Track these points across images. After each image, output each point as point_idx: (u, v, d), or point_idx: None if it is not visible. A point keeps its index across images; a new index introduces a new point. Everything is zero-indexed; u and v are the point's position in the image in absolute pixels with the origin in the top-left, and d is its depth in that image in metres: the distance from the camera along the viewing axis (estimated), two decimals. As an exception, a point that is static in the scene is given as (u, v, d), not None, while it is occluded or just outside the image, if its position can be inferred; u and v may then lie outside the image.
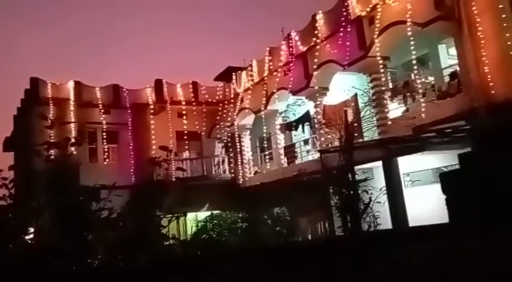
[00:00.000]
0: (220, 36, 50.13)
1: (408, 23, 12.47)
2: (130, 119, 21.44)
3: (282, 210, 16.38)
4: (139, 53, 49.50)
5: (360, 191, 10.19)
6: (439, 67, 13.32)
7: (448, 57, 13.30)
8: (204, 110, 22.37)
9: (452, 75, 12.44)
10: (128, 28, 51.95)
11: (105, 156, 21.14)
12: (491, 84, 10.74)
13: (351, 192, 9.87)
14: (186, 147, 21.70)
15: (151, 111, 21.48)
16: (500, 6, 10.47)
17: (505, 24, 10.40)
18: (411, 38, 12.64)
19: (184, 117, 21.71)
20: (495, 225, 3.18)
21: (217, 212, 18.66)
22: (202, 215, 19.24)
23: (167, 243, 5.67)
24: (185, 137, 21.44)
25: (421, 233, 4.29)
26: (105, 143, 21.05)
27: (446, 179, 3.83)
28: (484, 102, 10.63)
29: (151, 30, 50.31)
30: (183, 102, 21.93)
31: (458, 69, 11.99)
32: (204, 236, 16.53)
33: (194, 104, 22.15)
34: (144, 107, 21.60)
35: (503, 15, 10.40)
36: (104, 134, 20.93)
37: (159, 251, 4.44)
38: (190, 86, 22.58)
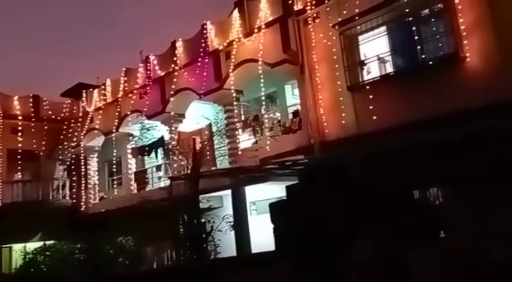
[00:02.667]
0: (72, 50, 46.05)
1: (259, 62, 13.41)
2: None
3: (128, 239, 15.43)
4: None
5: (205, 219, 10.26)
6: (285, 105, 14.61)
7: (292, 96, 14.68)
8: (46, 127, 20.04)
9: (295, 113, 13.77)
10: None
11: None
12: (325, 124, 12.18)
13: (195, 220, 9.87)
14: (19, 168, 19.08)
15: (-22, 124, 18.46)
16: (334, 57, 12.08)
17: (337, 73, 11.99)
18: (262, 76, 13.60)
19: (20, 133, 19.14)
20: (309, 252, 3.49)
21: (52, 242, 16.63)
22: (34, 245, 16.91)
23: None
24: (19, 157, 18.84)
25: (249, 261, 4.46)
26: None
27: (274, 208, 4.09)
28: (319, 140, 12.00)
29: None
30: (20, 117, 19.40)
31: (300, 108, 13.32)
32: (32, 270, 14.45)
33: (33, 119, 19.74)
34: (-32, 119, 18.46)
35: (336, 66, 12.00)
36: None
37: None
38: (31, 99, 20.14)
